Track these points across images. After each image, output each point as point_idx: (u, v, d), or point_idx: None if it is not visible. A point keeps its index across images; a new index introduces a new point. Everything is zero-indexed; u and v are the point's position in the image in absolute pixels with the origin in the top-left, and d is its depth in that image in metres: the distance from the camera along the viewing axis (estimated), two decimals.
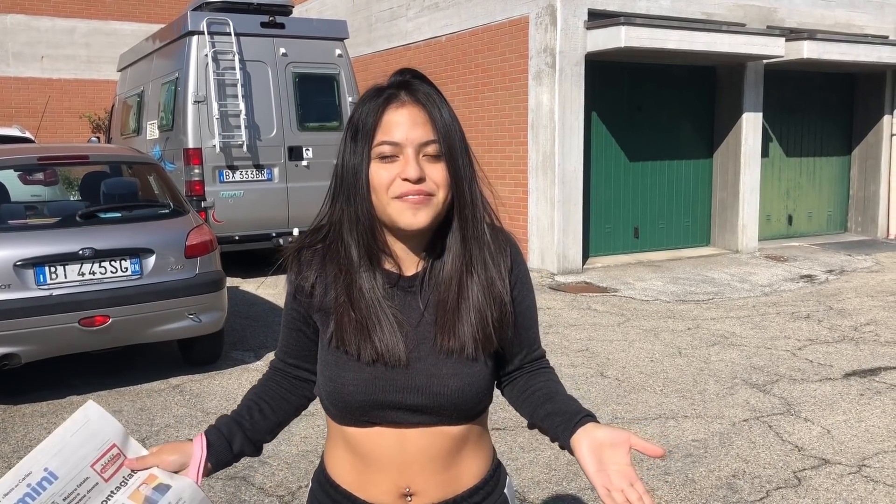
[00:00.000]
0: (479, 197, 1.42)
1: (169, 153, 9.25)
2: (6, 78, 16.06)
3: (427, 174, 1.33)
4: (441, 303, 1.40)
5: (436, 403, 1.37)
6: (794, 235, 11.90)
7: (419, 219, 1.34)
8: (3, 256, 4.80)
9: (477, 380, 1.39)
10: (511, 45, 9.70)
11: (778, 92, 11.20)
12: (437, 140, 1.33)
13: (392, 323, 1.37)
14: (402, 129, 1.33)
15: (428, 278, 1.42)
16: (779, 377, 5.49)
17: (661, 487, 3.77)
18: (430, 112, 1.34)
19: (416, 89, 1.36)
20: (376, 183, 1.34)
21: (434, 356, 1.38)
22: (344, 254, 1.41)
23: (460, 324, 1.38)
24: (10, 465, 4.12)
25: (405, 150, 1.33)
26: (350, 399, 1.37)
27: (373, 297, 1.39)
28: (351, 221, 1.39)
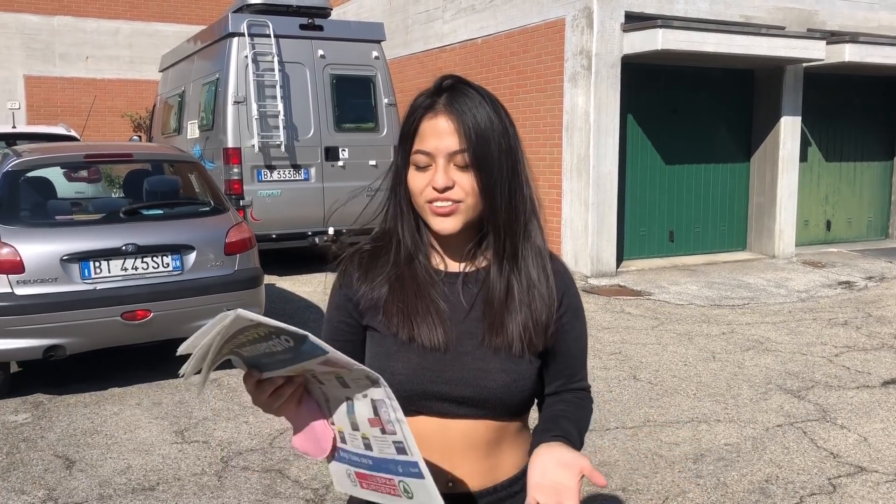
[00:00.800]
0: (523, 202, 1.44)
1: (209, 152, 9.42)
2: (53, 78, 16.45)
3: (457, 182, 1.38)
4: (489, 301, 1.44)
5: (482, 397, 1.41)
6: (832, 241, 11.73)
7: (447, 225, 1.40)
8: (50, 251, 4.95)
9: (523, 377, 1.43)
10: (547, 48, 9.71)
11: (817, 96, 11.05)
12: (466, 149, 1.37)
13: (435, 312, 1.43)
14: (434, 140, 1.38)
15: (473, 275, 1.48)
16: (814, 383, 5.44)
17: (692, 490, 3.78)
18: (462, 121, 1.37)
19: (454, 97, 1.40)
20: (412, 188, 1.42)
21: (481, 351, 1.43)
22: (395, 248, 1.48)
23: (507, 322, 1.43)
24: (57, 453, 4.26)
25: (436, 159, 1.38)
26: (398, 388, 1.40)
27: (419, 288, 1.45)
28: (401, 217, 1.47)
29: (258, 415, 4.83)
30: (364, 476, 1.33)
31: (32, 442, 4.43)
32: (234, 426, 4.65)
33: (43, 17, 16.34)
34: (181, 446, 4.36)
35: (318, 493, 3.77)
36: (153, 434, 4.54)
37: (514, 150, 1.43)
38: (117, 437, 4.49)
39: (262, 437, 4.48)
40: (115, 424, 4.70)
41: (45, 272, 4.90)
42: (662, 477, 3.93)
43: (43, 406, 5.03)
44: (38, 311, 4.83)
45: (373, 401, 1.24)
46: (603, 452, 4.22)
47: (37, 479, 3.95)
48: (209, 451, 4.29)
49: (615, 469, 4.01)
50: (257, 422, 4.71)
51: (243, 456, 4.22)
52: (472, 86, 1.43)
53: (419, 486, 1.26)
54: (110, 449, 4.33)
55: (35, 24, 16.29)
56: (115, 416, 4.85)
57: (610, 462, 4.10)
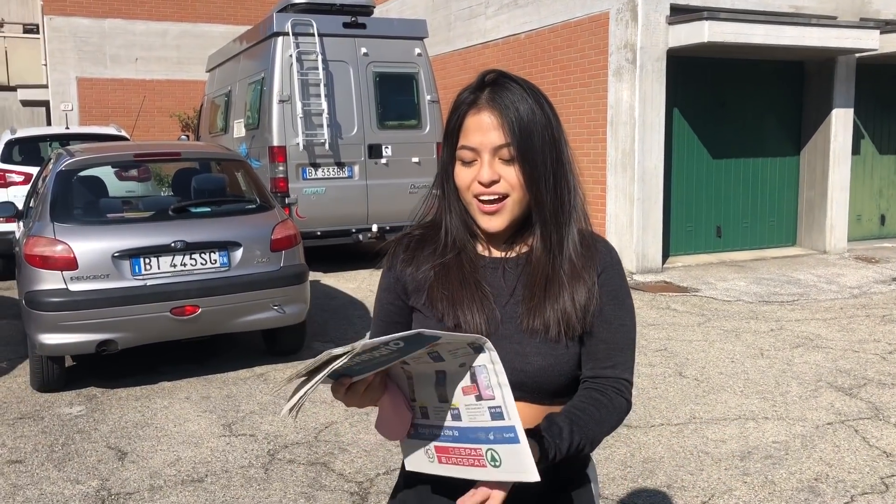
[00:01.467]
0: (566, 192, 1.45)
1: (255, 151, 9.56)
2: (104, 79, 16.84)
3: (502, 175, 1.41)
4: (530, 285, 1.46)
5: (518, 380, 1.42)
6: (886, 236, 11.41)
7: (494, 223, 1.44)
8: (102, 248, 5.08)
9: (560, 361, 1.45)
10: (591, 42, 9.63)
11: (871, 87, 10.75)
12: (510, 143, 1.40)
13: (480, 301, 1.45)
14: (478, 135, 1.41)
15: (514, 260, 1.51)
16: (866, 381, 5.31)
17: (739, 488, 3.72)
18: (506, 115, 1.40)
19: (496, 92, 1.42)
20: (459, 183, 1.46)
21: (520, 334, 1.45)
22: (443, 238, 1.51)
23: (546, 307, 1.44)
24: (109, 444, 4.37)
25: (482, 154, 1.42)
26: None
27: (464, 277, 1.48)
28: (449, 209, 1.51)
29: (304, 409, 4.90)
30: (445, 450, 1.33)
31: (86, 434, 4.55)
32: (281, 420, 4.71)
33: (94, 20, 16.74)
34: (229, 439, 4.44)
35: (362, 487, 3.81)
36: (202, 427, 4.63)
37: (558, 140, 1.45)
38: (167, 430, 4.59)
39: (308, 430, 4.54)
40: (164, 417, 4.81)
41: (98, 269, 5.03)
42: (708, 474, 3.88)
43: (96, 399, 5.16)
44: (90, 307, 4.96)
45: (471, 368, 1.25)
46: (648, 449, 4.18)
47: (90, 469, 4.06)
48: (256, 444, 4.36)
49: (660, 465, 3.97)
50: (303, 416, 4.78)
51: (289, 449, 4.28)
52: (514, 79, 1.45)
53: (511, 451, 1.25)
54: (160, 441, 4.43)
55: (86, 27, 16.69)
56: (164, 409, 4.95)
57: (655, 458, 4.06)
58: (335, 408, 4.89)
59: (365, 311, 7.50)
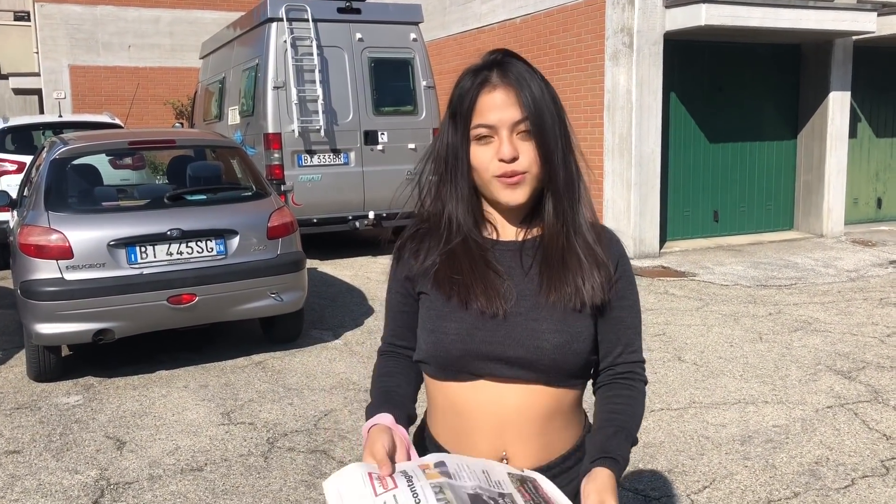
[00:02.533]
0: (575, 170, 1.49)
1: (250, 138, 9.50)
2: (97, 67, 16.72)
3: (521, 151, 1.43)
4: (546, 259, 1.47)
5: (534, 357, 1.42)
6: (883, 219, 11.42)
7: (517, 196, 1.45)
8: (97, 237, 5.04)
9: (577, 339, 1.45)
10: (587, 26, 9.57)
11: (868, 70, 10.72)
12: (527, 118, 1.41)
13: (491, 282, 1.45)
14: (496, 112, 1.42)
15: (528, 242, 1.51)
16: (865, 364, 5.32)
17: (740, 472, 3.72)
18: (520, 91, 1.42)
19: (507, 70, 1.43)
20: (477, 163, 1.45)
21: (535, 311, 1.45)
22: (446, 224, 1.50)
23: (565, 277, 1.45)
24: (108, 434, 4.35)
25: (500, 131, 1.42)
26: (451, 348, 1.44)
27: (473, 260, 1.47)
28: (453, 196, 1.49)
29: (303, 396, 4.88)
30: None
31: (84, 423, 4.53)
32: (280, 408, 4.70)
33: (86, 7, 16.60)
34: (228, 428, 4.42)
35: None
36: (200, 416, 4.62)
37: (564, 119, 1.48)
38: (166, 419, 4.58)
39: (307, 418, 4.53)
40: (163, 406, 4.79)
41: (93, 257, 4.99)
42: (709, 458, 3.88)
43: (93, 388, 5.14)
44: (86, 296, 4.93)
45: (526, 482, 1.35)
46: (648, 434, 4.18)
47: (89, 459, 4.05)
48: (255, 432, 4.35)
49: (660, 451, 3.97)
50: (302, 403, 4.76)
51: (289, 437, 4.26)
52: (519, 58, 1.47)
53: None
54: (159, 430, 4.41)
55: (79, 14, 16.56)
56: (163, 398, 4.93)
57: (655, 444, 4.05)
58: (334, 395, 4.88)
59: (362, 298, 7.48)
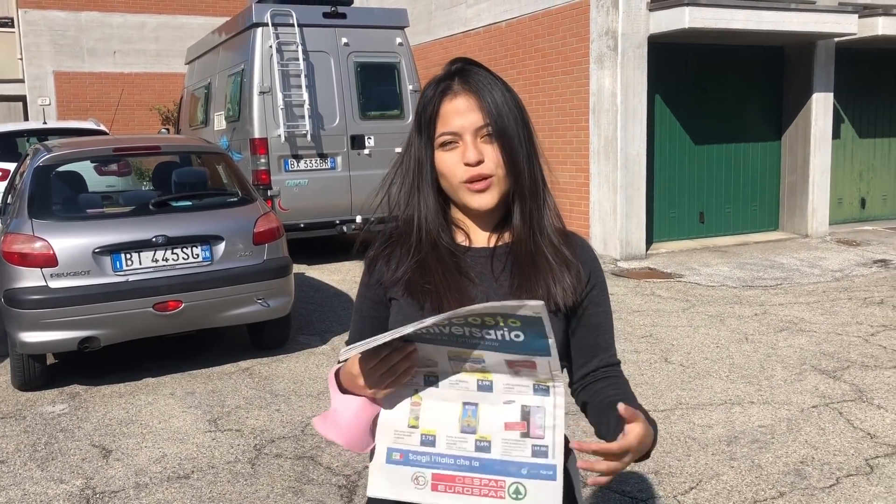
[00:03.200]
0: (539, 174, 1.51)
1: (236, 143, 9.48)
2: (81, 73, 16.64)
3: (485, 155, 1.44)
4: (516, 263, 1.48)
5: None
6: (867, 219, 11.50)
7: (486, 200, 1.46)
8: (82, 244, 5.01)
9: None
10: (572, 29, 9.60)
11: (850, 71, 10.81)
12: (490, 123, 1.44)
13: (464, 290, 1.46)
14: (458, 118, 1.44)
15: (500, 249, 1.52)
16: (850, 363, 5.36)
17: (726, 472, 3.74)
18: (482, 97, 1.44)
19: (468, 77, 1.46)
20: (444, 169, 1.47)
21: None
22: (416, 233, 1.51)
23: (536, 279, 1.46)
24: (94, 442, 4.33)
25: (463, 136, 1.45)
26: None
27: (445, 267, 1.48)
28: (422, 204, 1.50)
29: (290, 403, 4.87)
30: (450, 478, 1.30)
31: (70, 432, 4.50)
32: (267, 414, 4.69)
33: (70, 13, 16.52)
34: (215, 435, 4.41)
35: (350, 480, 3.79)
36: (187, 423, 4.60)
37: (527, 122, 1.50)
38: (152, 427, 4.56)
39: (294, 424, 4.52)
40: (149, 414, 4.76)
41: (78, 265, 4.96)
42: (696, 459, 3.89)
43: (79, 397, 5.11)
44: (71, 304, 4.91)
45: (524, 407, 1.26)
46: None
47: (74, 468, 4.02)
48: (242, 439, 4.33)
49: None
50: (289, 410, 4.75)
51: (276, 443, 4.25)
52: (480, 66, 1.49)
53: (543, 487, 1.26)
54: (145, 438, 4.39)
55: (63, 20, 16.47)
56: (149, 405, 4.91)
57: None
58: (322, 401, 4.87)
59: (350, 303, 7.47)
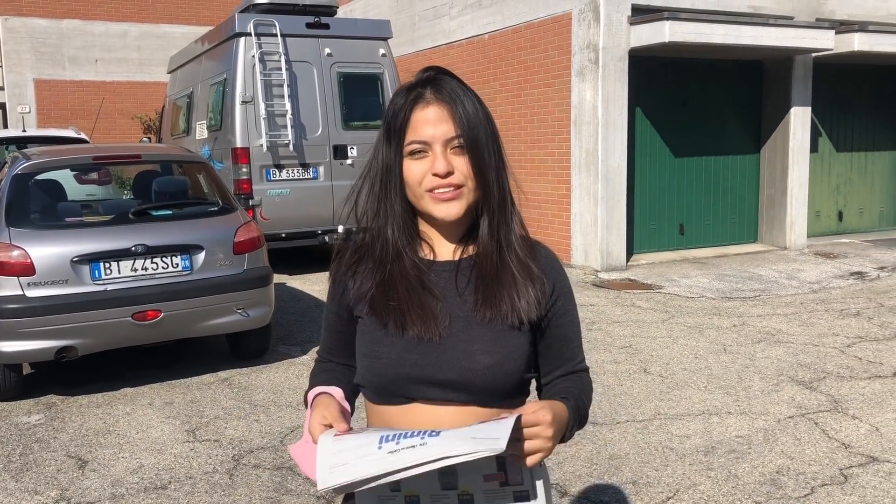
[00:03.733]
0: (507, 186, 1.50)
1: (218, 153, 9.45)
2: (62, 81, 16.54)
3: (455, 167, 1.43)
4: (482, 276, 1.47)
5: (466, 379, 1.41)
6: (844, 232, 11.65)
7: (452, 210, 1.44)
8: (60, 253, 4.98)
9: (510, 358, 1.44)
10: (554, 42, 9.68)
11: (827, 86, 10.97)
12: (461, 134, 1.42)
13: (427, 306, 1.44)
14: (429, 128, 1.42)
15: (464, 262, 1.50)
16: (826, 374, 5.41)
17: (703, 483, 3.77)
18: (454, 108, 1.42)
19: (440, 86, 1.44)
20: (410, 178, 1.45)
21: (468, 332, 1.44)
22: (382, 245, 1.50)
23: (501, 293, 1.45)
24: (69, 453, 4.29)
25: (433, 146, 1.43)
26: (384, 372, 1.44)
27: (409, 283, 1.46)
28: (388, 214, 1.49)
29: (269, 413, 4.85)
30: None
31: (45, 443, 4.46)
32: (245, 424, 4.67)
33: (52, 21, 16.43)
34: (193, 445, 4.38)
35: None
36: (165, 433, 4.57)
37: (497, 135, 1.49)
38: (129, 437, 4.52)
39: (273, 435, 4.50)
40: (127, 424, 4.73)
41: (56, 274, 4.93)
42: (673, 469, 3.92)
43: (56, 407, 5.06)
44: (49, 313, 4.87)
45: (499, 458, 1.28)
46: (613, 445, 4.22)
47: (50, 479, 3.98)
48: (220, 449, 4.31)
49: (626, 462, 4.01)
50: (268, 420, 4.73)
51: (254, 454, 4.24)
52: (452, 76, 1.48)
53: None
54: (122, 448, 4.35)
55: (44, 27, 16.38)
56: (127, 415, 4.88)
57: (620, 455, 4.09)
58: (301, 411, 4.85)
59: None
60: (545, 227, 10.01)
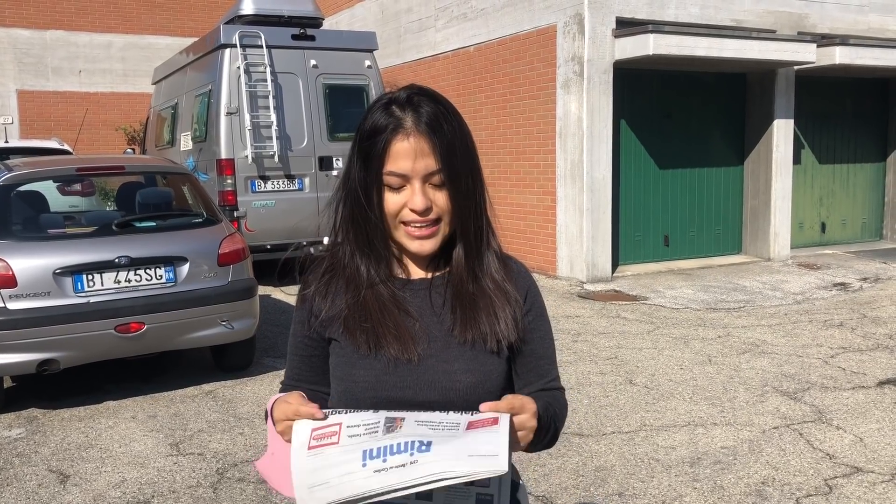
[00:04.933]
0: (485, 214, 1.47)
1: (202, 164, 9.42)
2: (46, 92, 16.43)
3: (434, 201, 1.40)
4: (459, 298, 1.45)
5: (447, 399, 1.39)
6: (827, 243, 11.74)
7: (426, 247, 1.42)
8: (42, 265, 4.93)
9: (489, 378, 1.43)
10: (539, 55, 9.73)
11: (810, 98, 11.08)
12: (441, 169, 1.38)
13: (403, 326, 1.42)
14: (408, 161, 1.37)
15: (437, 279, 1.49)
16: (810, 385, 5.44)
17: (689, 494, 3.77)
18: (435, 139, 1.37)
19: (420, 113, 1.38)
20: (387, 209, 1.41)
21: (447, 352, 1.42)
22: (354, 266, 1.47)
23: (479, 317, 1.43)
24: (51, 468, 4.24)
25: (412, 181, 1.38)
26: (362, 396, 1.40)
27: (383, 305, 1.43)
28: (361, 234, 1.45)
29: (253, 426, 4.82)
30: None
31: (26, 457, 4.40)
32: (230, 438, 4.63)
33: (35, 32, 16.34)
34: (176, 458, 4.34)
35: None
36: (148, 447, 4.52)
37: (473, 150, 1.45)
38: (112, 451, 4.47)
39: (258, 448, 4.46)
40: (109, 438, 4.68)
41: (38, 286, 4.88)
42: (659, 481, 3.92)
43: (37, 421, 5.00)
44: (31, 325, 4.82)
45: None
46: (599, 457, 4.21)
47: (30, 494, 3.93)
48: (204, 462, 4.27)
49: (611, 474, 4.00)
50: (252, 433, 4.70)
51: (238, 468, 4.20)
52: (430, 95, 1.42)
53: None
54: (105, 462, 4.30)
55: (27, 38, 16.28)
56: (109, 429, 4.82)
57: (606, 467, 4.09)
58: None
59: None
60: (530, 238, 10.03)
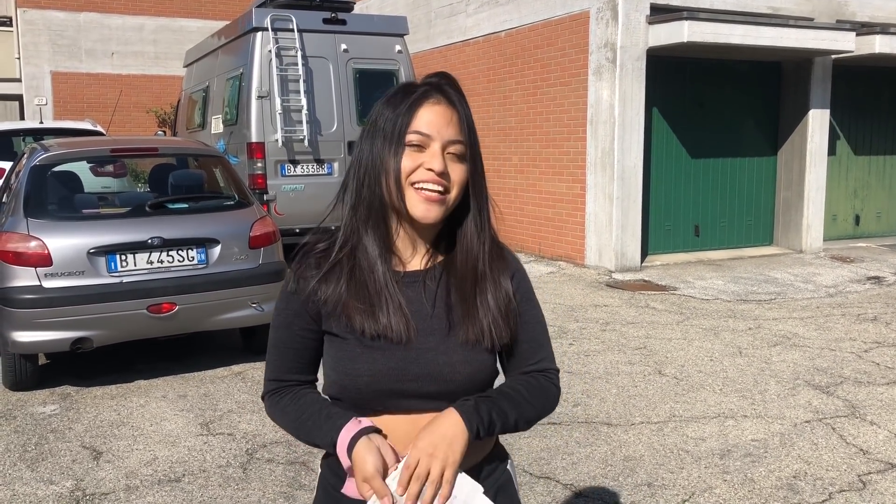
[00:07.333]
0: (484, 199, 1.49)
1: (233, 147, 9.46)
2: (79, 74, 16.61)
3: (449, 172, 1.41)
4: (459, 295, 1.46)
5: (448, 390, 1.43)
6: (861, 236, 11.55)
7: (431, 213, 1.42)
8: (77, 244, 4.99)
9: (485, 367, 1.47)
10: (571, 41, 9.64)
11: (847, 88, 10.87)
12: (464, 141, 1.41)
13: (398, 306, 1.43)
14: (434, 124, 1.40)
15: (432, 272, 1.49)
16: (843, 379, 5.36)
17: (719, 486, 3.74)
18: (463, 115, 1.43)
19: (448, 92, 1.44)
20: (402, 167, 1.40)
21: (444, 344, 1.44)
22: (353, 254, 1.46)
23: (479, 315, 1.45)
24: (84, 444, 4.31)
25: (433, 143, 1.40)
26: (366, 390, 1.43)
27: (380, 284, 1.44)
28: (367, 211, 1.45)
29: None
30: None
31: (60, 433, 4.48)
32: (259, 419, 4.66)
33: (69, 14, 16.50)
34: (206, 438, 4.39)
35: None
36: (179, 426, 4.57)
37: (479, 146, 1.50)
38: (143, 429, 4.53)
39: None
40: (141, 416, 4.74)
41: (73, 265, 4.94)
42: (689, 472, 3.89)
43: (70, 398, 5.08)
44: (65, 304, 4.89)
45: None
46: (628, 447, 4.19)
47: (65, 469, 3.99)
48: (234, 443, 4.31)
49: (640, 464, 3.98)
50: None
51: (268, 448, 4.23)
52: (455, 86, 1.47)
53: None
54: (137, 440, 4.36)
55: (61, 20, 16.45)
56: (141, 408, 4.89)
57: (635, 457, 4.06)
58: None
59: None
60: (559, 226, 9.97)
